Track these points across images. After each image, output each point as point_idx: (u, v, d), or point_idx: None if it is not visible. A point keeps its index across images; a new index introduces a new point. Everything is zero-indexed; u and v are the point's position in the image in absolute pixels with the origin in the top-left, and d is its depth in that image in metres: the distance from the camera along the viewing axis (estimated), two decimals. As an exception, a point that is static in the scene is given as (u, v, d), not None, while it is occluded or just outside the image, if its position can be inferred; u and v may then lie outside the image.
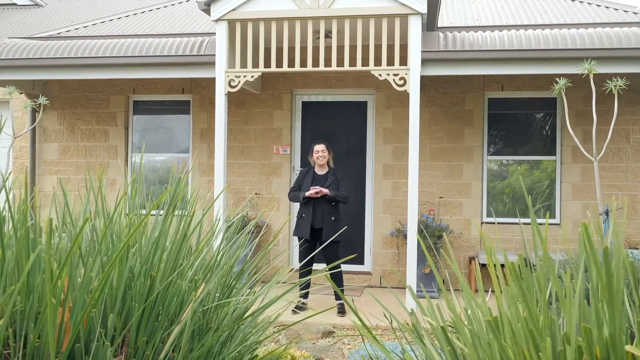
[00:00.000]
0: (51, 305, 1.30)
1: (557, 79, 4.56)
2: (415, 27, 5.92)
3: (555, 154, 7.37)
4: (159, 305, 1.65)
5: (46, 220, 1.64)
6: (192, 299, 1.81)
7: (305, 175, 6.24)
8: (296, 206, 7.84)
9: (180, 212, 2.00)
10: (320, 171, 6.22)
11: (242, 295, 1.88)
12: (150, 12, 8.87)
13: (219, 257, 1.87)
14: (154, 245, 1.60)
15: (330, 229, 6.01)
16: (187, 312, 1.53)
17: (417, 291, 6.53)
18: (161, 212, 2.21)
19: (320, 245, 6.11)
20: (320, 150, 6.15)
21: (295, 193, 6.21)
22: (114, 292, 1.57)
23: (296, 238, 7.82)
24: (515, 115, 7.52)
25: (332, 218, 6.05)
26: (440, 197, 7.41)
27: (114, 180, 8.08)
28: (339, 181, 6.15)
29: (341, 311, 6.16)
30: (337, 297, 6.28)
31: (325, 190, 5.96)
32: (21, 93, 7.77)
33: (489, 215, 7.47)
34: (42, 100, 6.69)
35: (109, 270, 1.42)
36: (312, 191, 5.97)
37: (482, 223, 7.41)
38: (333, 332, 5.68)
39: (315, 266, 6.43)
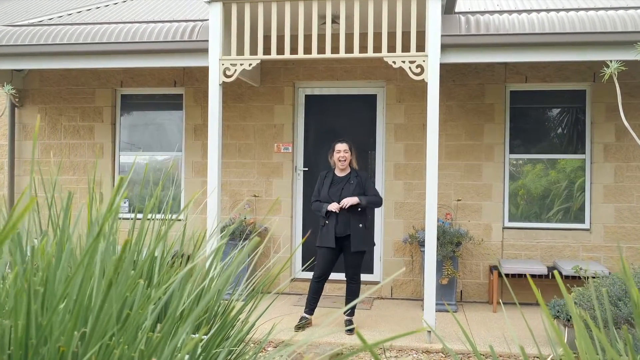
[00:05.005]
0: None
1: (608, 62, 3.90)
2: (434, 7, 5.24)
3: (584, 152, 6.69)
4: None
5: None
6: None
7: (324, 180, 5.56)
8: (299, 209, 7.16)
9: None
10: (340, 173, 5.54)
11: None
12: (141, -1, 8.19)
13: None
14: (65, 287, 0.92)
15: (359, 238, 5.35)
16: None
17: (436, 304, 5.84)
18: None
19: (344, 255, 5.44)
20: (342, 150, 5.46)
21: (316, 204, 5.51)
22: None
23: (301, 245, 7.15)
24: (539, 109, 6.84)
25: (360, 225, 5.38)
26: (458, 200, 6.72)
27: (99, 182, 7.40)
28: (365, 183, 5.48)
29: (350, 328, 5.47)
30: (347, 312, 5.59)
31: (351, 200, 5.30)
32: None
33: (511, 219, 6.78)
34: (7, 89, 6.02)
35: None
36: (332, 206, 5.32)
37: (503, 228, 6.72)
38: (341, 353, 4.99)
39: (332, 276, 5.75)
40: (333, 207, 5.33)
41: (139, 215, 2.35)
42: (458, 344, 5.09)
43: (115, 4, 7.99)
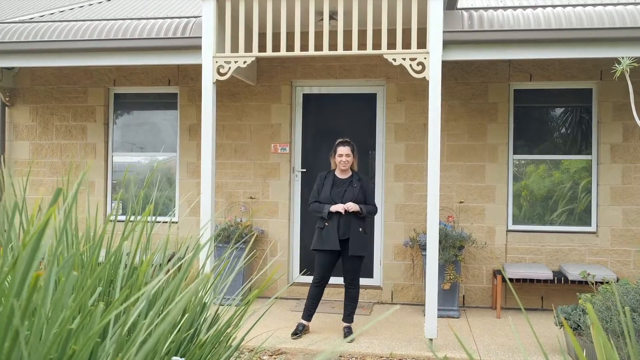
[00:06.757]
0: None
1: (620, 59, 3.72)
2: (435, 3, 5.04)
3: (590, 153, 6.49)
4: None
5: None
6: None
7: (324, 181, 5.37)
8: (297, 211, 6.97)
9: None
10: (342, 175, 5.35)
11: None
12: (135, -4, 8.00)
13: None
14: None
15: (357, 242, 5.16)
16: None
17: (438, 309, 5.63)
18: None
19: (342, 259, 5.25)
20: (344, 155, 5.27)
21: (316, 205, 5.29)
22: None
23: (298, 247, 6.95)
24: (544, 108, 6.64)
25: (360, 229, 5.20)
26: (460, 202, 6.52)
27: (92, 183, 7.21)
28: (366, 187, 5.32)
29: (349, 335, 5.27)
30: (346, 318, 5.39)
31: (354, 207, 5.13)
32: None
33: (515, 222, 6.58)
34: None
35: None
36: (339, 207, 5.13)
37: (507, 231, 6.51)
38: (340, 363, 4.80)
39: (331, 281, 5.56)
40: (339, 207, 5.13)
41: (131, 218, 2.17)
42: (462, 352, 4.89)
43: (109, 0, 7.80)
